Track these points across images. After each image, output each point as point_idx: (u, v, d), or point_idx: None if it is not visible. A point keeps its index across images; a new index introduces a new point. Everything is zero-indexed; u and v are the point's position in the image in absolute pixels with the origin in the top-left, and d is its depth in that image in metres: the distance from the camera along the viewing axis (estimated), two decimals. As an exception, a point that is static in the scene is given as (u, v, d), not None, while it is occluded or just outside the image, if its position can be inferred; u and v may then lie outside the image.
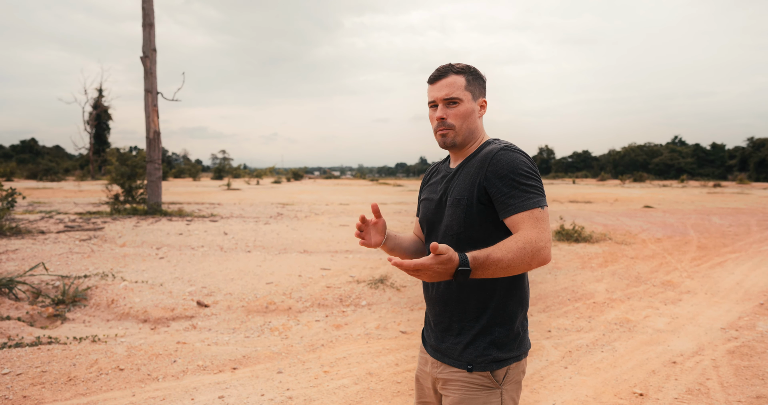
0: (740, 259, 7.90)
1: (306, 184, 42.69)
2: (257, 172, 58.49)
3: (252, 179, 47.54)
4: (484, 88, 1.60)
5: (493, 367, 1.46)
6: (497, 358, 1.46)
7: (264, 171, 58.94)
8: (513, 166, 1.41)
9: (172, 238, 8.93)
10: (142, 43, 13.50)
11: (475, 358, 1.46)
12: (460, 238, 1.49)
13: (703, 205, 18.31)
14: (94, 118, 50.66)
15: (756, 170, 60.74)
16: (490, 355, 1.46)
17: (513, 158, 1.42)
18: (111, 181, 13.96)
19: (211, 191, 26.85)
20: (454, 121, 1.53)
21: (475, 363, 1.46)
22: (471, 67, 1.58)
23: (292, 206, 16.65)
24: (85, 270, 6.21)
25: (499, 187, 1.41)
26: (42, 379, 3.26)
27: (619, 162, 77.15)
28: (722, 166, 70.67)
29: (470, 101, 1.54)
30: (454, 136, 1.54)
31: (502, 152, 1.44)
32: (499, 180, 1.41)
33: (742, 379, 3.48)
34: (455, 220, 1.49)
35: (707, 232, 10.66)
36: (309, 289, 5.61)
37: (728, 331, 4.53)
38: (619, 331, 4.53)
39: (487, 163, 1.45)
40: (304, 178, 59.97)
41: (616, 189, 34.80)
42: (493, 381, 1.46)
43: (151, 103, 13.49)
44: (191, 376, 3.44)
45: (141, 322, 4.69)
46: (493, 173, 1.43)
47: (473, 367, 1.46)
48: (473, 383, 1.47)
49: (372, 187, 35.82)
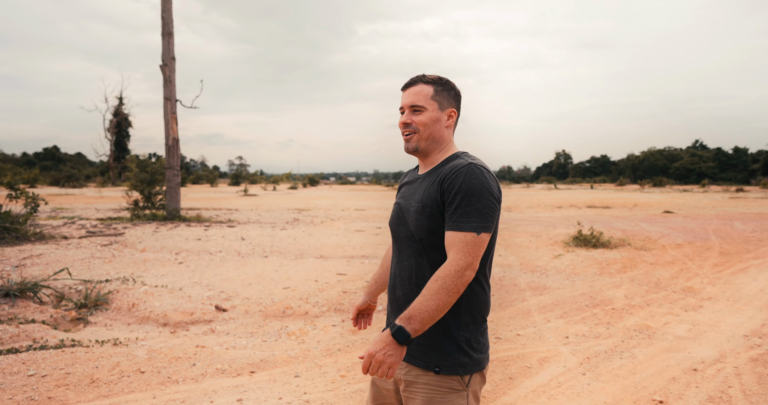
0: (764, 265, 7.74)
1: (322, 189, 42.93)
2: (273, 178, 58.99)
3: (268, 185, 47.95)
4: (453, 99, 1.66)
5: (459, 371, 1.50)
6: (463, 363, 1.51)
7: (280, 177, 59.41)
8: (469, 185, 1.46)
9: (190, 243, 9.05)
10: (162, 51, 13.76)
11: (442, 360, 1.50)
12: (425, 244, 1.55)
13: (725, 210, 17.98)
14: (114, 126, 51.64)
15: (780, 174, 59.43)
16: (457, 360, 1.50)
17: (471, 177, 1.47)
18: (131, 187, 14.22)
19: (228, 197, 27.15)
20: (417, 126, 1.61)
21: (442, 366, 1.50)
22: (443, 78, 1.65)
23: (308, 212, 16.76)
24: (107, 274, 6.33)
25: (450, 200, 1.48)
26: (66, 380, 3.33)
27: (638, 166, 76.10)
28: (745, 171, 69.26)
29: (435, 110, 1.61)
30: (417, 140, 1.62)
31: (464, 168, 1.49)
32: (452, 195, 1.47)
33: (765, 387, 3.42)
34: (420, 227, 1.54)
35: (729, 238, 10.47)
36: (325, 293, 5.64)
37: (751, 338, 4.45)
38: (638, 337, 4.48)
39: (450, 176, 1.50)
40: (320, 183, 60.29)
41: (635, 194, 34.34)
42: (460, 383, 1.51)
43: (170, 111, 13.73)
44: (210, 379, 3.49)
45: (161, 325, 4.77)
46: (450, 186, 1.48)
47: (440, 370, 1.50)
48: (443, 386, 1.50)
49: (387, 193, 35.86)
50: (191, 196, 28.03)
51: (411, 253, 1.59)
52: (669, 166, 73.21)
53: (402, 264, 1.62)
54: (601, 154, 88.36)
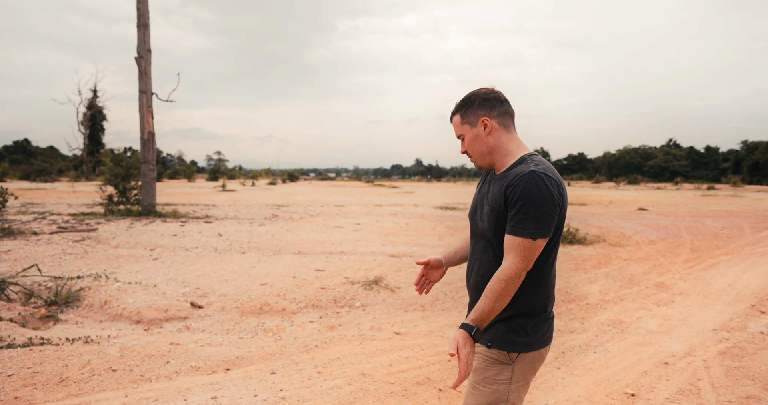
0: (732, 261, 7.95)
1: (301, 185, 42.66)
2: (252, 173, 58.43)
3: (247, 181, 47.45)
4: (480, 109, 1.75)
5: (508, 348, 1.68)
6: (513, 341, 1.68)
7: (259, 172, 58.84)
8: (528, 194, 1.58)
9: (166, 239, 8.90)
10: (137, 43, 13.47)
11: (495, 337, 1.70)
12: (491, 243, 1.73)
13: (696, 208, 18.42)
14: (88, 119, 50.48)
15: (749, 173, 61.09)
16: (507, 338, 1.69)
17: (532, 186, 1.58)
18: (105, 182, 13.91)
19: (205, 192, 26.79)
20: (468, 151, 1.80)
21: (494, 341, 1.70)
22: (464, 99, 1.78)
23: (287, 208, 16.64)
24: (78, 271, 6.19)
25: (512, 206, 1.62)
26: (34, 379, 3.25)
27: (614, 164, 77.44)
28: (716, 169, 71.05)
29: (470, 131, 1.76)
30: (475, 161, 1.80)
31: (525, 176, 1.60)
32: (514, 202, 1.61)
33: (732, 379, 3.51)
34: (488, 227, 1.71)
35: (700, 235, 10.73)
36: (303, 290, 5.61)
37: (720, 332, 4.56)
38: (611, 332, 4.56)
39: (513, 183, 1.62)
40: (300, 179, 59.89)
41: (611, 191, 34.95)
42: (507, 358, 1.69)
43: (145, 104, 13.46)
44: (184, 377, 3.43)
45: (134, 323, 4.68)
46: (512, 193, 1.61)
47: (492, 345, 1.70)
48: (490, 357, 1.70)
49: (367, 189, 35.81)
50: (168, 191, 27.58)
51: (481, 247, 1.78)
52: (644, 165, 74.67)
53: (474, 256, 1.82)
54: (578, 152, 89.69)
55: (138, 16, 13.47)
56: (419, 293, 2.04)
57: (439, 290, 5.78)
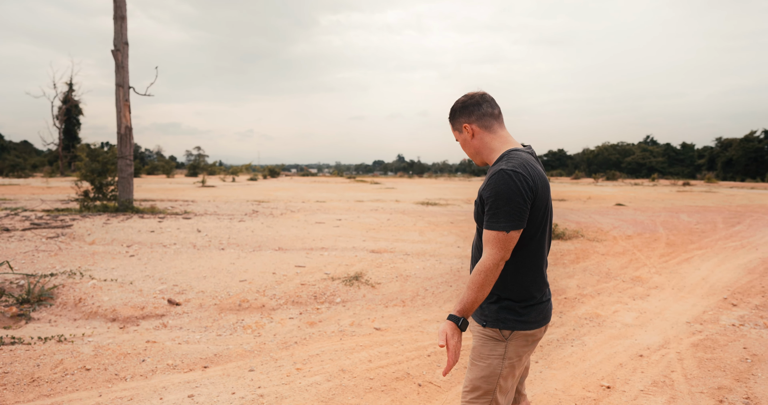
0: (706, 255, 8.13)
1: (282, 181, 42.33)
2: (233, 169, 57.77)
3: (227, 176, 46.94)
4: (460, 115, 1.92)
5: (500, 325, 1.82)
6: (504, 319, 1.82)
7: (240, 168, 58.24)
8: (498, 191, 1.69)
9: (143, 235, 8.76)
10: (114, 36, 13.19)
11: (489, 316, 1.85)
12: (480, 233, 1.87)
13: (672, 203, 18.78)
14: (63, 113, 49.33)
15: (723, 169, 62.45)
16: (499, 316, 1.83)
17: (500, 184, 1.69)
18: (81, 177, 13.61)
19: (185, 188, 26.42)
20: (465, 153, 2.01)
21: (488, 320, 1.85)
22: (450, 110, 1.96)
23: (267, 203, 16.51)
24: (52, 268, 6.05)
25: (486, 202, 1.75)
26: (3, 380, 3.17)
27: (593, 160, 78.46)
28: (691, 165, 72.47)
29: (459, 137, 1.96)
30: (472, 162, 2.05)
31: (496, 175, 1.71)
32: (487, 198, 1.74)
33: (704, 370, 3.59)
34: (477, 216, 1.86)
35: (676, 230, 10.94)
36: (283, 286, 5.57)
37: (693, 324, 4.66)
38: (589, 325, 4.62)
39: (487, 181, 1.75)
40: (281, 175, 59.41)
41: (590, 187, 35.43)
42: (500, 335, 1.83)
43: (122, 98, 13.20)
44: (160, 376, 3.38)
45: (109, 321, 4.59)
46: (485, 190, 1.75)
47: (486, 324, 1.86)
48: (486, 335, 1.86)
49: (349, 185, 35.71)
50: (146, 186, 27.14)
51: (478, 236, 1.92)
52: (622, 161, 75.82)
53: (475, 240, 1.97)
54: (558, 148, 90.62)
55: (115, 7, 13.18)
56: None
57: (420, 286, 5.79)
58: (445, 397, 3.15)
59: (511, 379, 1.85)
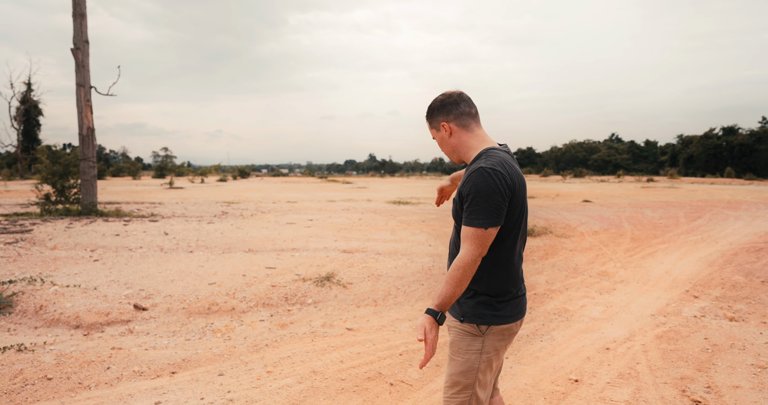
0: (669, 249, 8.38)
1: (253, 182, 41.80)
2: (202, 170, 56.72)
3: (196, 177, 46.08)
4: (438, 114, 1.95)
5: (477, 321, 1.85)
6: (481, 314, 1.85)
7: (209, 169, 57.29)
8: (476, 189, 1.73)
9: (107, 239, 8.52)
10: (73, 34, 12.78)
11: (466, 312, 1.87)
12: (458, 230, 1.91)
13: (637, 199, 19.30)
14: (22, 114, 47.60)
15: (685, 165, 64.49)
16: (476, 312, 1.86)
17: (479, 181, 1.73)
18: (41, 180, 13.16)
19: (152, 190, 25.82)
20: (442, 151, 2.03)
21: (465, 315, 1.87)
22: (427, 108, 1.99)
23: (237, 205, 16.27)
24: (11, 275, 5.83)
25: (465, 200, 1.78)
26: (-42, 393, 3.03)
27: (561, 158, 79.99)
28: (655, 162, 74.63)
29: (437, 135, 1.99)
30: (450, 159, 2.01)
31: (474, 173, 1.75)
32: (466, 196, 1.77)
33: (668, 361, 3.70)
34: (456, 214, 1.88)
35: (640, 225, 11.24)
36: (253, 288, 5.49)
37: (657, 317, 4.80)
38: (557, 320, 4.70)
39: (465, 179, 1.79)
40: (251, 175, 58.65)
41: (558, 184, 36.13)
42: (477, 330, 1.85)
43: (83, 98, 12.81)
44: (126, 383, 3.29)
45: (73, 328, 4.45)
46: (463, 188, 1.78)
47: (464, 319, 1.88)
48: (463, 330, 1.88)
49: (320, 185, 35.51)
50: (111, 189, 26.41)
51: (455, 233, 1.95)
52: (588, 158, 77.53)
53: (452, 237, 2.00)
54: (527, 146, 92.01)
55: (74, 5, 12.77)
56: (438, 205, 2.41)
57: (391, 285, 5.80)
58: (417, 396, 3.16)
59: (489, 373, 1.89)
